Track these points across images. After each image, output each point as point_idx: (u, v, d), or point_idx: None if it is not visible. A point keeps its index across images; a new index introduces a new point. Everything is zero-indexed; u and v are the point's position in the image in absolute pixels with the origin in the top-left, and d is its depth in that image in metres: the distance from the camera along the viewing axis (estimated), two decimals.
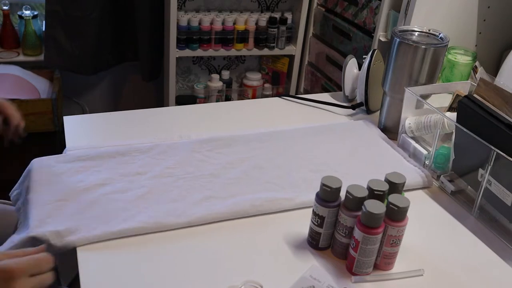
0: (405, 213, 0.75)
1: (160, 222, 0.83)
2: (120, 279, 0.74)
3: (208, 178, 0.96)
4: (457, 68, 1.37)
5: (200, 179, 0.95)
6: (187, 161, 1.00)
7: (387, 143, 1.13)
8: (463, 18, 1.49)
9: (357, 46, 1.96)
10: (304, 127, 1.17)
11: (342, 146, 1.10)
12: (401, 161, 1.07)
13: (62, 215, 0.83)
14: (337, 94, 1.37)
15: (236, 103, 1.54)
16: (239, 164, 1.01)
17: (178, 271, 0.76)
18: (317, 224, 0.79)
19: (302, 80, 2.48)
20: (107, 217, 0.83)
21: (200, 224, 0.85)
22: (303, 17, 2.31)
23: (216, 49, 2.29)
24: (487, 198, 0.91)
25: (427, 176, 1.02)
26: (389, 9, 1.72)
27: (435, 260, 0.83)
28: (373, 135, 1.17)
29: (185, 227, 0.84)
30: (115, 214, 0.84)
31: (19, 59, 2.18)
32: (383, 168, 1.02)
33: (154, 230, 0.82)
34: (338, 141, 1.12)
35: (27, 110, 1.96)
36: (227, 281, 0.74)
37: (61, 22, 2.13)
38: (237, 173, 0.98)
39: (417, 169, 1.03)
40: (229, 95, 2.54)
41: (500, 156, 0.85)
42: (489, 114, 0.90)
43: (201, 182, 0.94)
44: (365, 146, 1.12)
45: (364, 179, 0.79)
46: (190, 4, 2.33)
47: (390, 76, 1.13)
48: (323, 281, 0.73)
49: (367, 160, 1.06)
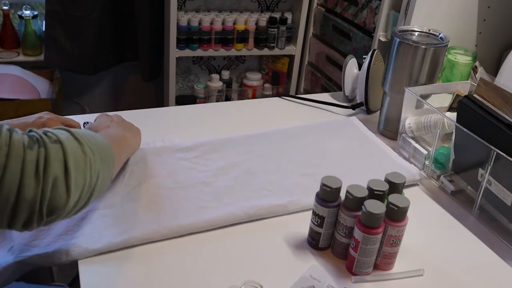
0: (405, 213, 0.75)
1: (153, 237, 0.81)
2: (120, 280, 0.74)
3: (199, 187, 0.93)
4: (457, 68, 1.37)
5: (190, 189, 0.92)
6: (175, 170, 0.97)
7: (375, 141, 1.14)
8: (463, 18, 1.49)
9: (357, 46, 1.96)
10: (291, 127, 1.16)
11: (331, 147, 1.10)
12: (390, 158, 1.07)
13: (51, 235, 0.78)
14: (337, 94, 1.37)
15: (236, 103, 1.53)
16: (230, 170, 0.99)
17: (178, 271, 0.76)
18: (317, 224, 0.80)
19: (302, 80, 2.48)
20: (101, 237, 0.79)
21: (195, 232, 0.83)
22: (303, 17, 2.31)
23: (216, 49, 2.30)
24: (487, 198, 0.91)
25: (418, 174, 1.02)
26: (389, 9, 1.72)
27: (435, 260, 0.83)
28: (360, 132, 1.17)
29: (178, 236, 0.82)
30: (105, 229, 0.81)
31: (19, 59, 2.18)
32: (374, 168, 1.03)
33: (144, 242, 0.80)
34: (327, 142, 1.12)
35: (27, 110, 1.95)
36: (227, 282, 0.74)
37: (61, 22, 2.13)
38: (228, 180, 0.96)
39: (406, 165, 1.04)
40: (229, 95, 2.54)
41: (500, 156, 0.85)
42: (489, 114, 0.90)
43: (192, 192, 0.92)
44: (354, 144, 1.12)
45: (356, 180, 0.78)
46: (190, 4, 2.33)
47: (390, 76, 1.13)
48: (323, 281, 0.73)
49: (357, 160, 1.06)
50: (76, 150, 0.61)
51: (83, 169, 0.62)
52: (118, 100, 2.59)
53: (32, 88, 2.11)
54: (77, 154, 0.61)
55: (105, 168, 0.68)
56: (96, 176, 0.64)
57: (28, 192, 0.56)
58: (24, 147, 0.57)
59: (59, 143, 0.60)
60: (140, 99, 2.59)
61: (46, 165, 0.57)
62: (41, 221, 0.59)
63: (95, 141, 0.66)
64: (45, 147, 0.58)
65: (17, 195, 0.56)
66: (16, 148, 0.56)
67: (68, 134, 0.63)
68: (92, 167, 0.63)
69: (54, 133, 0.62)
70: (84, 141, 0.64)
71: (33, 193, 0.56)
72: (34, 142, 0.58)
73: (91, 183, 0.64)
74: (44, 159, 0.58)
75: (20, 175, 0.56)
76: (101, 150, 0.67)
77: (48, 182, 0.57)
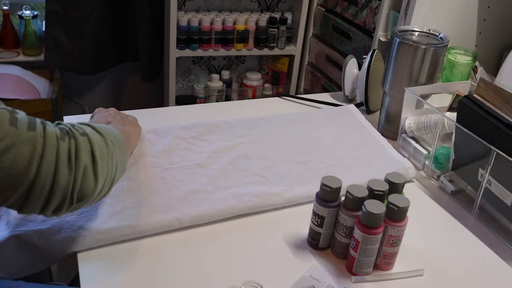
0: (405, 213, 0.75)
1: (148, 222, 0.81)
2: (120, 279, 0.74)
3: (194, 169, 0.94)
4: (457, 68, 1.37)
5: (186, 171, 0.93)
6: (171, 149, 0.98)
7: (371, 130, 1.14)
8: (463, 18, 1.49)
9: (357, 46, 1.96)
10: (289, 113, 1.17)
11: (327, 135, 1.10)
12: (384, 151, 1.08)
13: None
14: (337, 94, 1.37)
15: (236, 103, 1.53)
16: (225, 153, 0.99)
17: (178, 271, 0.76)
18: (317, 224, 0.80)
19: (302, 80, 2.48)
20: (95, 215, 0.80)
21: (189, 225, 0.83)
22: (303, 17, 2.31)
23: (216, 49, 2.30)
24: (487, 198, 0.91)
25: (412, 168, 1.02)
26: (389, 9, 1.72)
27: (435, 260, 0.83)
28: (356, 120, 1.18)
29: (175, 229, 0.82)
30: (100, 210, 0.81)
31: (19, 59, 2.18)
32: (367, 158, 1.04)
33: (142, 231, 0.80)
34: (323, 130, 1.12)
35: (27, 110, 1.94)
36: (227, 281, 0.74)
37: (61, 22, 2.13)
38: (223, 163, 0.96)
39: (401, 160, 1.04)
40: (229, 95, 2.54)
41: (500, 156, 0.85)
42: (489, 114, 0.90)
43: (187, 174, 0.92)
44: (349, 133, 1.13)
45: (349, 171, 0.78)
46: (190, 4, 2.33)
47: (390, 76, 1.13)
48: (323, 281, 0.73)
49: (351, 149, 1.06)
50: (100, 142, 0.66)
51: (106, 160, 0.67)
52: (118, 100, 2.59)
53: (32, 88, 2.11)
54: (101, 146, 0.66)
55: (122, 159, 0.73)
56: (115, 166, 0.70)
57: (62, 180, 0.60)
58: (57, 138, 0.61)
59: (85, 135, 0.65)
60: (140, 99, 2.59)
61: (77, 155, 0.62)
62: (70, 206, 0.64)
63: (114, 135, 0.72)
64: (75, 138, 0.63)
65: (52, 182, 0.60)
66: (51, 139, 0.60)
67: (91, 129, 0.68)
68: (113, 158, 0.68)
69: (80, 127, 0.67)
70: (105, 134, 0.69)
71: (66, 181, 0.61)
72: (65, 134, 0.63)
73: (112, 172, 0.69)
74: (75, 149, 0.62)
75: (55, 163, 0.60)
76: (118, 143, 0.72)
77: (79, 170, 0.62)
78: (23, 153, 0.57)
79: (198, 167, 0.95)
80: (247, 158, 0.99)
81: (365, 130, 1.14)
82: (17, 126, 0.58)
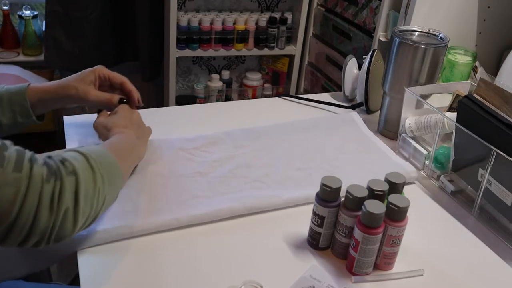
0: (405, 213, 0.75)
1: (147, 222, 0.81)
2: (120, 279, 0.74)
3: (195, 177, 0.94)
4: (457, 68, 1.37)
5: (186, 178, 0.94)
6: (173, 160, 0.99)
7: (372, 137, 1.14)
8: (463, 18, 1.49)
9: (357, 46, 1.96)
10: (289, 122, 1.17)
11: (328, 144, 1.10)
12: (387, 156, 1.07)
13: None
14: (337, 94, 1.37)
15: (236, 103, 1.53)
16: (226, 162, 1.00)
17: (178, 271, 0.76)
18: (317, 224, 0.79)
19: (302, 80, 2.48)
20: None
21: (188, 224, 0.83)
22: (303, 17, 2.31)
23: (216, 49, 2.30)
24: (487, 198, 0.91)
25: (413, 171, 1.02)
26: (389, 9, 1.72)
27: (435, 260, 0.83)
28: (358, 130, 1.17)
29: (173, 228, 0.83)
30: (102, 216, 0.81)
31: (19, 59, 2.18)
32: (369, 165, 1.03)
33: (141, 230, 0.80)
34: (325, 139, 1.12)
35: None
36: (227, 281, 0.74)
37: (61, 22, 2.13)
38: (224, 171, 0.97)
39: (403, 164, 1.03)
40: (229, 95, 2.54)
41: (500, 156, 0.85)
42: (489, 114, 0.90)
43: (188, 181, 0.93)
44: (351, 140, 1.12)
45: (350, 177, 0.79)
46: (190, 4, 2.33)
47: (390, 76, 1.13)
48: (323, 281, 0.73)
49: (352, 156, 1.06)
50: (88, 180, 0.67)
51: (91, 198, 0.67)
52: None
53: None
54: (88, 185, 0.67)
55: (112, 190, 0.74)
56: (102, 201, 0.70)
57: (42, 222, 0.62)
58: (43, 180, 0.62)
59: (74, 174, 0.66)
60: None
61: (60, 197, 0.63)
62: (48, 244, 0.65)
63: (106, 163, 0.72)
64: (61, 179, 0.64)
65: (32, 223, 0.62)
66: (36, 181, 0.62)
67: (84, 160, 0.69)
68: (100, 194, 0.69)
69: (71, 163, 0.67)
70: (97, 167, 0.69)
71: (46, 222, 0.62)
72: (52, 175, 0.64)
73: (96, 209, 0.70)
74: (59, 191, 0.63)
75: (37, 206, 0.61)
76: (110, 173, 0.72)
77: (60, 213, 0.63)
78: (7, 194, 0.59)
79: (199, 175, 0.95)
80: (248, 166, 0.99)
81: (368, 139, 1.14)
82: (3, 166, 0.60)
